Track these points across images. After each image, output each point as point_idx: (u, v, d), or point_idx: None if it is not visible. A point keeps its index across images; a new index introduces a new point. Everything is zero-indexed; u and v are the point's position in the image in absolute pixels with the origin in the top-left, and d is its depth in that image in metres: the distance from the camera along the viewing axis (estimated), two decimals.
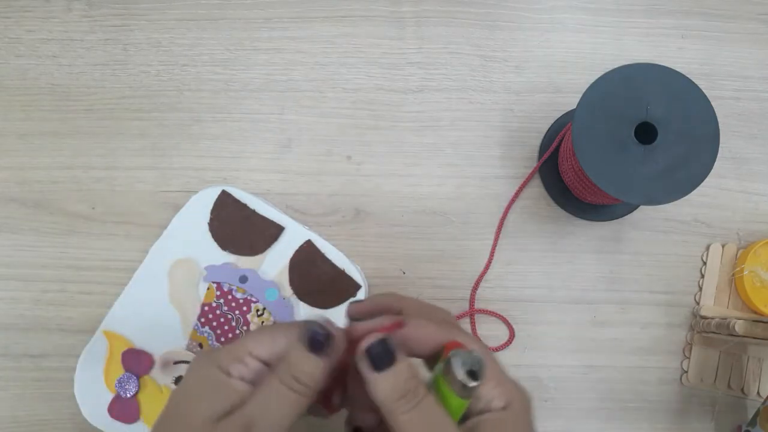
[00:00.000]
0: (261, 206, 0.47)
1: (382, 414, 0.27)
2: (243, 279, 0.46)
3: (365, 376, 0.27)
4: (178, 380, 0.45)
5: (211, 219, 0.47)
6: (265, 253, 0.46)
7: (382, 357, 0.27)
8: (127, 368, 0.45)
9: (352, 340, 0.28)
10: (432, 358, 0.30)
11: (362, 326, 0.29)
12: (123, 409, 0.45)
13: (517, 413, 0.28)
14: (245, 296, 0.46)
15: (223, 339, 0.45)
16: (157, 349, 0.45)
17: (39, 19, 0.53)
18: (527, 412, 0.29)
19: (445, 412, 0.27)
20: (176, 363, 0.45)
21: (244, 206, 0.47)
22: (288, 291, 0.46)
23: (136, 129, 0.52)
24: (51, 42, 0.53)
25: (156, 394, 0.45)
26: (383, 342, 0.27)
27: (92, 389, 0.45)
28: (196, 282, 0.46)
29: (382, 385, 0.27)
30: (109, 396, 0.45)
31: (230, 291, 0.46)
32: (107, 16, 0.53)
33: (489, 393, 0.28)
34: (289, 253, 0.46)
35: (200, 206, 0.47)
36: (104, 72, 0.52)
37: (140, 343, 0.46)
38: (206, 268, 0.46)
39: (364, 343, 0.27)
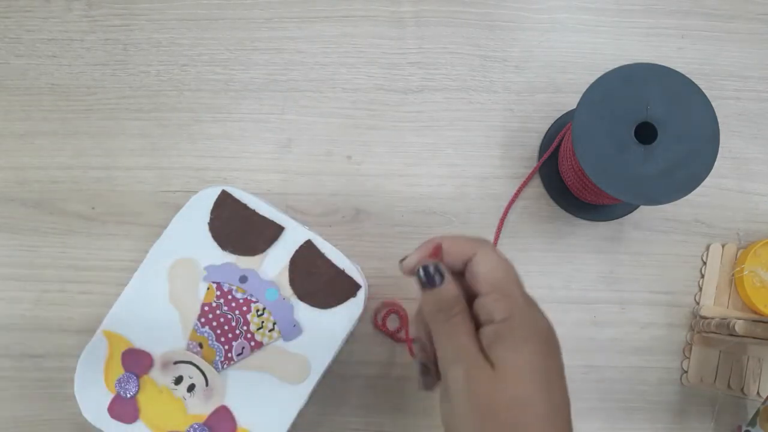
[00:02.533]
0: (261, 206, 0.47)
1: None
2: (243, 279, 0.46)
3: (420, 296, 0.32)
4: (177, 380, 0.45)
5: (211, 219, 0.47)
6: (265, 253, 0.46)
7: (431, 277, 0.32)
8: (127, 368, 0.45)
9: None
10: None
11: (413, 257, 0.33)
12: (123, 409, 0.45)
13: (515, 326, 0.30)
14: (245, 296, 0.46)
15: (223, 339, 0.45)
16: (157, 349, 0.45)
17: (39, 19, 0.53)
18: (529, 326, 0.30)
19: (469, 329, 0.31)
20: (176, 363, 0.45)
21: (244, 206, 0.47)
22: (288, 291, 0.46)
23: (136, 129, 0.52)
24: (51, 42, 0.53)
25: (155, 394, 0.45)
26: (432, 266, 0.32)
27: (92, 389, 0.45)
28: (196, 282, 0.46)
29: (428, 300, 0.32)
30: (109, 396, 0.45)
31: (230, 291, 0.46)
32: (107, 16, 0.53)
33: (490, 305, 0.30)
34: (289, 253, 0.46)
35: (200, 206, 0.47)
36: (104, 72, 0.52)
37: (140, 343, 0.45)
38: (206, 268, 0.46)
39: (418, 266, 0.32)
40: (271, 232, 0.47)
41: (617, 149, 0.42)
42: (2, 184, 0.51)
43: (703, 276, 0.51)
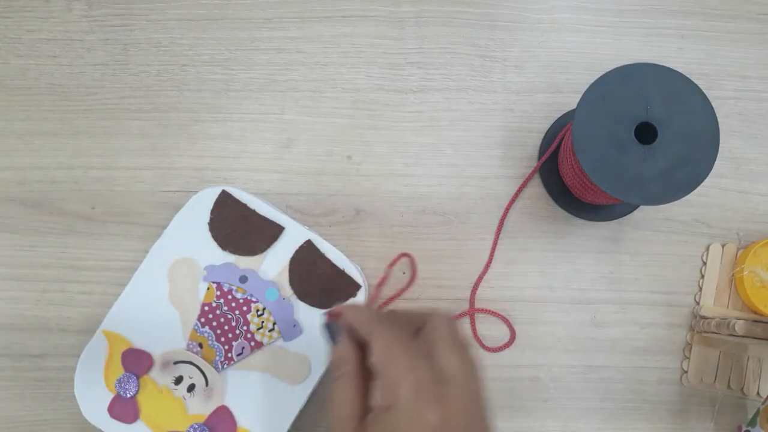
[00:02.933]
0: (261, 206, 0.47)
1: None
2: (243, 279, 0.46)
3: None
4: (177, 380, 0.45)
5: (211, 219, 0.47)
6: (265, 253, 0.46)
7: (329, 335, 0.35)
8: (126, 368, 0.45)
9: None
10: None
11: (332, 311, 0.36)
12: (123, 409, 0.45)
13: (393, 416, 0.29)
14: (245, 296, 0.46)
15: (223, 339, 0.45)
16: (157, 349, 0.45)
17: (39, 19, 0.53)
18: (407, 420, 0.29)
19: (351, 394, 0.32)
20: (176, 363, 0.45)
21: (245, 206, 0.47)
22: (288, 291, 0.46)
23: (136, 129, 0.52)
24: (51, 42, 0.53)
25: (156, 394, 0.45)
26: (328, 325, 0.35)
27: (92, 389, 0.45)
28: (196, 282, 0.46)
29: (331, 355, 0.34)
30: (109, 396, 0.45)
31: (230, 291, 0.46)
32: (107, 16, 0.53)
33: (375, 389, 0.30)
34: (289, 253, 0.46)
35: (200, 206, 0.47)
36: (104, 72, 0.52)
37: (140, 343, 0.46)
38: (206, 268, 0.46)
39: (322, 323, 0.35)
40: (271, 232, 0.47)
41: (617, 149, 0.42)
42: (2, 184, 0.51)
43: (703, 276, 0.51)
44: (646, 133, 0.42)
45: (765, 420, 0.45)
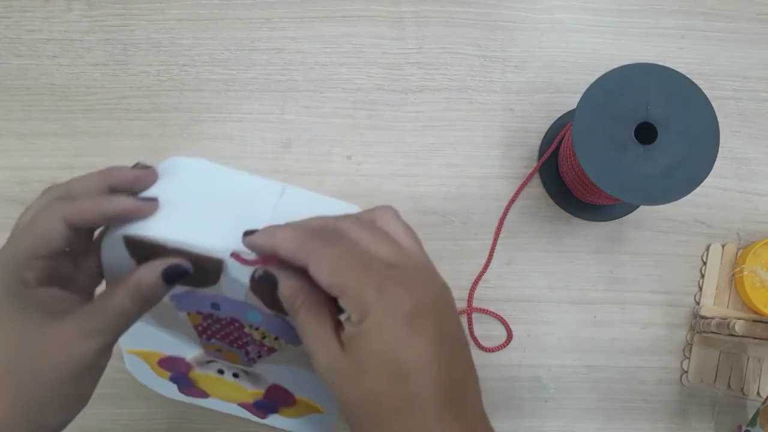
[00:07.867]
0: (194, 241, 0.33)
1: None
2: (215, 306, 0.36)
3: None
4: (220, 372, 0.44)
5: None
6: (219, 284, 0.34)
7: (264, 284, 0.31)
8: (171, 371, 0.45)
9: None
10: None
11: (254, 239, 0.31)
12: (191, 390, 0.46)
13: (369, 324, 0.28)
14: (229, 316, 0.37)
15: (236, 345, 0.40)
16: (186, 353, 0.43)
17: (39, 19, 0.53)
18: (388, 325, 0.28)
19: (321, 321, 0.29)
20: (209, 362, 0.44)
21: (163, 247, 0.32)
22: (267, 311, 0.35)
23: (136, 129, 0.52)
24: (51, 42, 0.53)
25: (212, 381, 0.45)
26: (261, 272, 0.31)
27: (155, 383, 0.46)
28: (173, 312, 0.38)
29: (280, 297, 0.31)
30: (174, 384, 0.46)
31: (210, 315, 0.38)
32: (107, 16, 0.53)
33: (346, 306, 0.28)
34: (246, 278, 0.33)
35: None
36: (104, 72, 0.52)
37: (168, 351, 0.44)
38: (173, 299, 0.37)
39: (256, 275, 0.31)
40: (214, 266, 0.33)
41: (617, 149, 0.42)
42: (2, 184, 0.51)
43: (703, 276, 0.51)
44: (646, 133, 0.42)
45: (765, 420, 0.44)
